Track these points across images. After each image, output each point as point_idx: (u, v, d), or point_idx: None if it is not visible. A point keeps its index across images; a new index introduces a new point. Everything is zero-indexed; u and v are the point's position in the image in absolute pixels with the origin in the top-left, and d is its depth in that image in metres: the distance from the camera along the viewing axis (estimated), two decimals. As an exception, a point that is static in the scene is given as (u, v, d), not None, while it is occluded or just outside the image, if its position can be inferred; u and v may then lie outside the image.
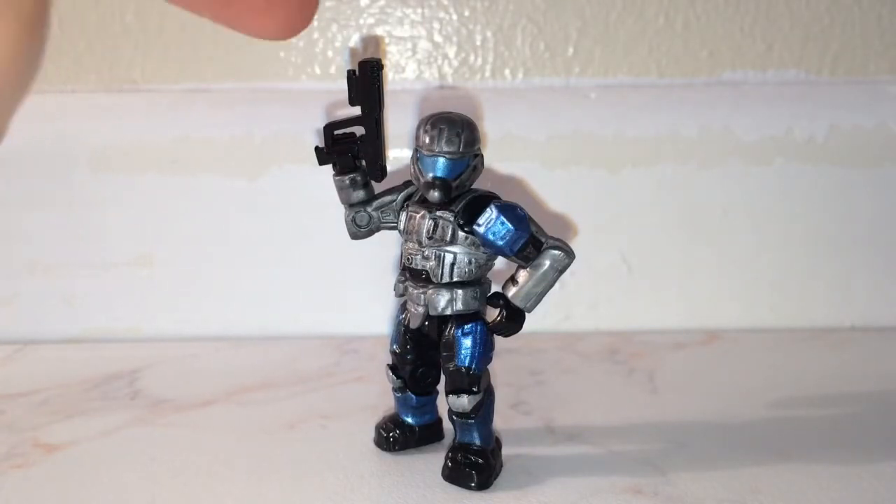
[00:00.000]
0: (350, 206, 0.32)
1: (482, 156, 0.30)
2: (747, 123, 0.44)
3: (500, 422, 0.32)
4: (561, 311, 0.45)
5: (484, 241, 0.29)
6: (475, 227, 0.29)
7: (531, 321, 0.31)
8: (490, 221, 0.29)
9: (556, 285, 0.30)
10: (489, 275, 0.31)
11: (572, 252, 0.29)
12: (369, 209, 0.32)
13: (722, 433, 0.34)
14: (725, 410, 0.36)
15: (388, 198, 0.32)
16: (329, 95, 0.43)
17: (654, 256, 0.45)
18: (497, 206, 0.29)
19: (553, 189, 0.44)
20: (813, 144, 0.44)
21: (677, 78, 0.45)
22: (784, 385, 0.39)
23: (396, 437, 0.33)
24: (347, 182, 0.31)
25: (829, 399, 0.38)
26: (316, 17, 0.44)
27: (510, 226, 0.29)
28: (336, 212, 0.33)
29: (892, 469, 0.32)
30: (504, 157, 0.43)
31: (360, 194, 0.31)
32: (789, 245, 0.45)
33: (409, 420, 0.33)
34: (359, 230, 0.32)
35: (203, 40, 0.44)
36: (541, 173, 0.44)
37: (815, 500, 0.30)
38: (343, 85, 0.31)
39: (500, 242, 0.29)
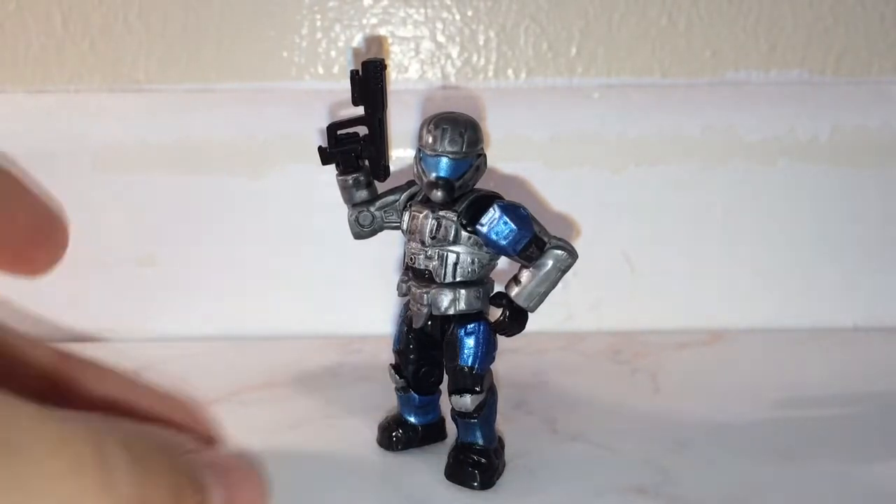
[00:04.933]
0: (353, 205, 0.32)
1: (485, 156, 0.30)
2: (750, 123, 0.44)
3: (502, 422, 0.32)
4: (564, 311, 0.45)
5: (487, 241, 0.29)
6: (478, 226, 0.29)
7: (534, 321, 0.31)
8: (493, 221, 0.29)
9: (559, 285, 0.30)
10: (492, 274, 0.31)
11: (575, 252, 0.29)
12: (372, 209, 0.32)
13: (724, 433, 0.34)
14: (728, 410, 0.36)
15: (391, 197, 0.32)
16: (332, 95, 0.43)
17: (657, 256, 0.45)
18: (500, 206, 0.29)
19: (556, 189, 0.44)
20: (816, 144, 0.44)
21: (680, 78, 0.45)
22: (787, 385, 0.39)
23: (399, 436, 0.33)
24: (350, 182, 0.31)
25: (832, 399, 0.38)
26: (319, 17, 0.44)
27: (513, 226, 0.29)
28: (339, 212, 0.33)
29: (894, 469, 0.31)
30: (507, 156, 0.43)
31: (363, 194, 0.31)
32: (792, 245, 0.45)
33: (413, 420, 0.33)
34: (362, 230, 0.32)
35: (206, 40, 0.45)
36: (544, 173, 0.44)
37: (818, 500, 0.30)
38: (346, 85, 0.31)
39: (503, 242, 0.29)
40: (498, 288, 0.31)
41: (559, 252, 0.29)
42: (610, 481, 0.31)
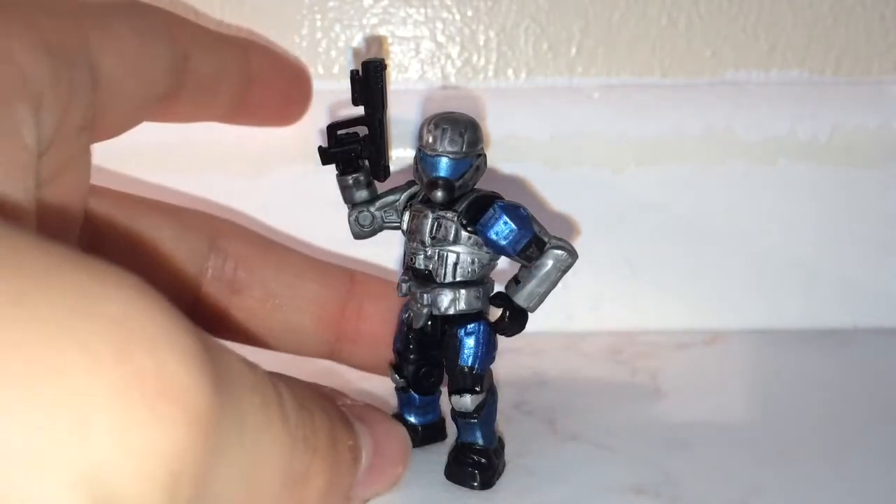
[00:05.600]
0: (353, 205, 0.32)
1: (485, 156, 0.30)
2: (750, 123, 0.44)
3: (502, 421, 0.32)
4: (563, 311, 0.45)
5: (487, 241, 0.29)
6: (478, 226, 0.29)
7: (534, 321, 0.31)
8: (493, 221, 0.29)
9: (559, 285, 0.30)
10: (493, 275, 0.31)
11: (575, 252, 0.29)
12: (372, 209, 0.32)
13: (725, 433, 0.34)
14: (728, 410, 0.36)
15: (391, 197, 0.32)
16: (333, 95, 0.43)
17: (656, 256, 0.45)
18: (500, 206, 0.29)
19: (556, 189, 0.44)
20: (816, 144, 0.44)
21: (680, 78, 0.45)
22: (787, 386, 0.39)
23: None
24: (350, 182, 0.31)
25: (832, 400, 0.38)
26: (319, 17, 0.44)
27: (513, 225, 0.29)
28: (338, 212, 0.33)
29: (894, 470, 0.31)
30: (507, 156, 0.43)
31: (363, 194, 0.31)
32: (792, 245, 0.45)
33: (413, 420, 0.33)
34: (362, 230, 0.32)
35: (206, 40, 0.44)
36: (544, 173, 0.44)
37: (818, 500, 0.30)
38: (346, 85, 0.31)
39: (503, 242, 0.29)
40: (498, 288, 0.31)
41: (559, 252, 0.29)
42: (610, 481, 0.31)
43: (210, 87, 0.30)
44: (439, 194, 0.29)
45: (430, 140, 0.29)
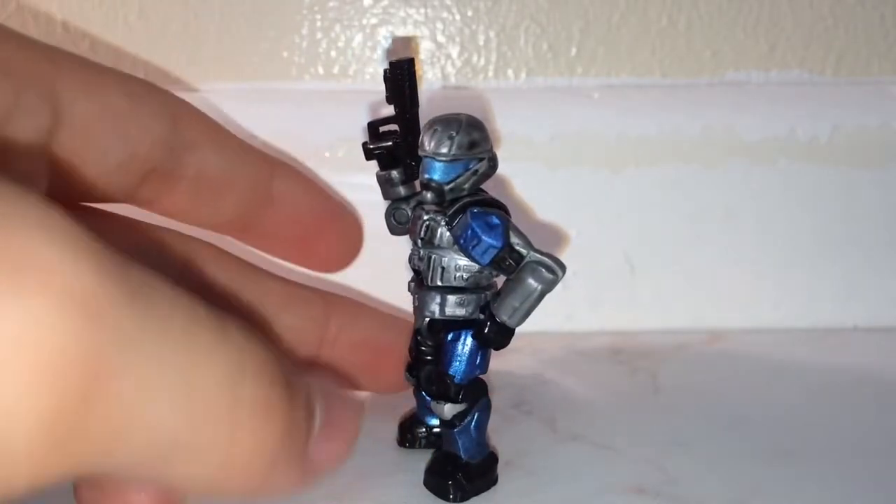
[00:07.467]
0: (392, 201, 0.31)
1: (490, 159, 0.29)
2: (750, 123, 0.44)
3: (501, 421, 0.32)
4: (563, 311, 0.45)
5: (460, 248, 0.28)
6: (452, 232, 0.28)
7: (534, 321, 0.31)
8: (463, 228, 0.28)
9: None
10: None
11: (559, 268, 0.28)
12: (408, 206, 0.31)
13: (725, 433, 0.34)
14: (728, 410, 0.36)
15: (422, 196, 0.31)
16: (332, 95, 0.43)
17: (656, 256, 0.45)
18: (471, 212, 0.28)
19: (556, 189, 0.44)
20: (816, 144, 0.44)
21: (680, 78, 0.45)
22: (787, 385, 0.39)
23: (416, 435, 0.33)
24: (388, 178, 0.31)
25: (832, 399, 0.38)
26: (319, 17, 0.44)
27: (480, 234, 0.27)
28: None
29: (894, 469, 0.31)
30: (507, 157, 0.43)
31: (400, 190, 0.31)
32: (793, 245, 0.45)
33: (428, 420, 0.32)
34: (397, 226, 0.32)
35: (206, 41, 0.45)
36: (544, 173, 0.44)
37: (818, 500, 0.30)
38: (346, 85, 0.31)
39: (471, 251, 0.28)
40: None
41: (538, 267, 0.27)
42: (610, 481, 0.31)
43: (215, 189, 0.28)
44: (428, 196, 0.29)
45: (424, 141, 0.29)
